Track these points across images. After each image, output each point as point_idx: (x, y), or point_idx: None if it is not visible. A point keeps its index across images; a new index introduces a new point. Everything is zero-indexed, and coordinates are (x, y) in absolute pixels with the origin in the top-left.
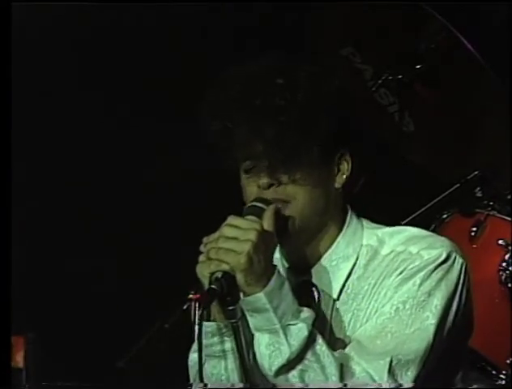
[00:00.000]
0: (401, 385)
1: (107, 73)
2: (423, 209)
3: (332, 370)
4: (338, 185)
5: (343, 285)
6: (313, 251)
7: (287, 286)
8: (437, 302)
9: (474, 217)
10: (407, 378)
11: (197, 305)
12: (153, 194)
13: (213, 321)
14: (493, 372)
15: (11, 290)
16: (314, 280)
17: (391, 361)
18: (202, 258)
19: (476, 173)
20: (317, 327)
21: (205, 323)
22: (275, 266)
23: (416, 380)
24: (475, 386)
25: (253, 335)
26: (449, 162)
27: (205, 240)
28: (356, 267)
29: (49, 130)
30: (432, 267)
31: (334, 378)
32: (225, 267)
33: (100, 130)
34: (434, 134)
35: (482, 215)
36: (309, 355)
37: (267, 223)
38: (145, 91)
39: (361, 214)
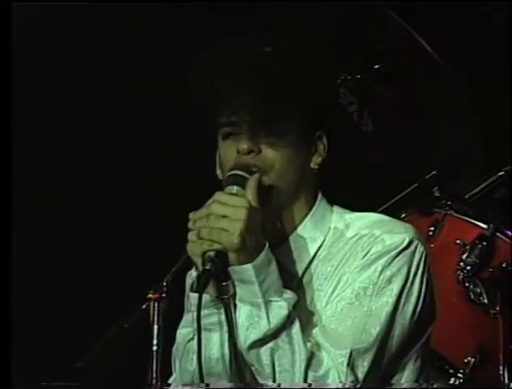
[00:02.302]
0: (357, 378)
1: (107, 73)
2: (381, 208)
3: (301, 356)
4: (313, 165)
5: (308, 265)
6: (281, 228)
7: (274, 264)
8: (396, 289)
9: (432, 217)
10: (363, 368)
11: (156, 304)
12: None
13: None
14: (451, 371)
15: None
16: (280, 258)
17: (351, 353)
18: (192, 236)
19: (434, 172)
20: None
21: (195, 295)
22: (265, 242)
23: (370, 370)
24: (434, 386)
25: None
26: (407, 162)
27: (192, 216)
28: (321, 249)
29: (49, 130)
30: (393, 253)
31: (300, 365)
32: (218, 246)
33: (100, 129)
34: (393, 134)
35: (440, 215)
36: (283, 335)
37: (252, 196)
38: (144, 91)
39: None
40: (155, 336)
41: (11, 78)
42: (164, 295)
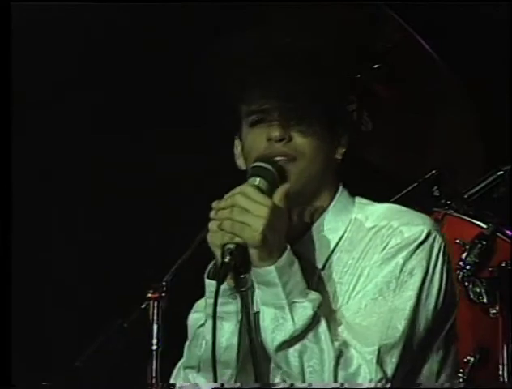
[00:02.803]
0: (386, 374)
1: (107, 73)
2: None
3: (330, 355)
4: (338, 156)
5: (329, 257)
6: (304, 219)
7: (296, 265)
8: (418, 282)
9: (431, 216)
10: (392, 364)
11: (155, 303)
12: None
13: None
14: None
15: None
16: (301, 249)
17: (379, 349)
18: (214, 226)
19: (434, 172)
20: None
21: (212, 283)
22: (287, 244)
23: (398, 366)
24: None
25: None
26: (407, 161)
27: (215, 205)
28: (342, 240)
29: (49, 130)
30: (413, 246)
31: (329, 364)
32: (239, 240)
33: (100, 129)
34: (392, 134)
35: (439, 215)
36: (310, 336)
37: (279, 200)
38: (145, 91)
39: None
40: (154, 336)
41: (11, 78)
42: (163, 294)
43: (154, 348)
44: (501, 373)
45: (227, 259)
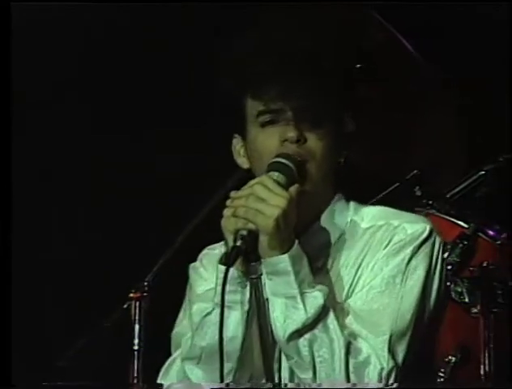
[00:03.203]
0: (397, 363)
1: (107, 73)
2: None
3: (340, 344)
4: (342, 159)
5: (328, 256)
6: (304, 218)
7: (305, 258)
8: (423, 276)
9: None
10: (402, 353)
11: (137, 303)
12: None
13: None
14: None
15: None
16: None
17: (390, 338)
18: (228, 212)
19: (416, 172)
20: None
21: (223, 268)
22: (295, 239)
23: (407, 354)
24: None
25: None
26: (389, 161)
27: (233, 194)
28: (341, 240)
29: (49, 130)
30: (418, 242)
31: (340, 353)
32: (252, 226)
33: (100, 129)
34: (375, 134)
35: (421, 214)
36: (320, 326)
37: (294, 194)
38: (145, 91)
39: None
40: (136, 336)
41: (11, 78)
42: (145, 294)
43: (136, 348)
44: (482, 372)
45: (238, 243)
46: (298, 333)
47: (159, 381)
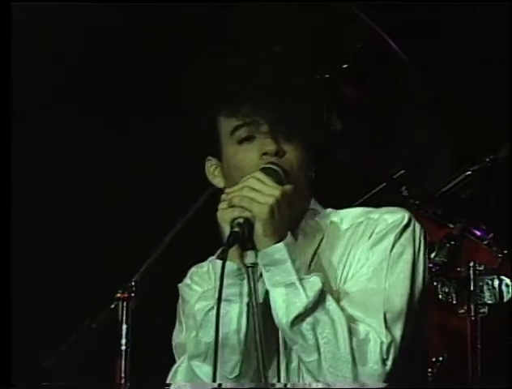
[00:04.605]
0: (395, 338)
1: (107, 73)
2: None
3: (342, 324)
4: (313, 172)
5: (312, 258)
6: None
7: (298, 247)
8: (408, 262)
9: None
10: (399, 330)
11: (124, 304)
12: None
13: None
14: None
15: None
16: None
17: (385, 316)
18: (224, 205)
19: (403, 172)
20: None
21: (219, 262)
22: (288, 231)
23: (404, 332)
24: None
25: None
26: (375, 161)
27: (227, 190)
28: (323, 242)
29: (49, 130)
30: (399, 230)
31: (342, 331)
32: (247, 214)
33: (99, 128)
34: (361, 134)
35: None
36: (320, 308)
37: (288, 189)
38: (144, 91)
39: None
40: (123, 336)
41: (11, 78)
42: (132, 294)
43: (123, 348)
44: (469, 372)
45: (235, 229)
46: (301, 317)
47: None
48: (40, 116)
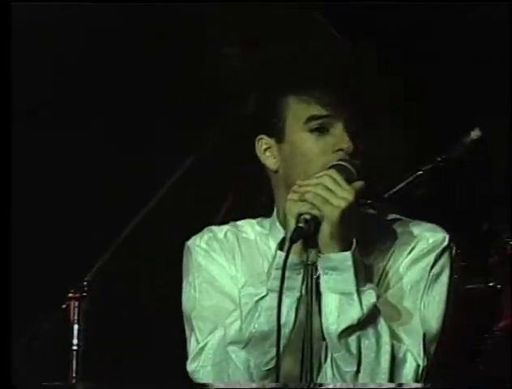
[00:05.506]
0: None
1: (107, 73)
2: None
3: (386, 340)
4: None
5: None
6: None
7: (360, 259)
8: (446, 283)
9: None
10: (430, 355)
11: (76, 303)
12: None
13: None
14: None
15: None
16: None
17: (424, 337)
18: (294, 196)
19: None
20: None
21: (282, 254)
22: (353, 238)
23: (430, 357)
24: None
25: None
26: None
27: (300, 182)
28: (365, 244)
29: (49, 130)
30: (439, 250)
31: (386, 348)
32: (316, 212)
33: (99, 128)
34: None
35: None
36: (370, 322)
37: (360, 190)
38: (145, 91)
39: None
40: (75, 336)
41: (11, 78)
42: (84, 294)
43: (74, 348)
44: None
45: (301, 225)
46: (351, 329)
47: (189, 366)
48: (40, 116)
